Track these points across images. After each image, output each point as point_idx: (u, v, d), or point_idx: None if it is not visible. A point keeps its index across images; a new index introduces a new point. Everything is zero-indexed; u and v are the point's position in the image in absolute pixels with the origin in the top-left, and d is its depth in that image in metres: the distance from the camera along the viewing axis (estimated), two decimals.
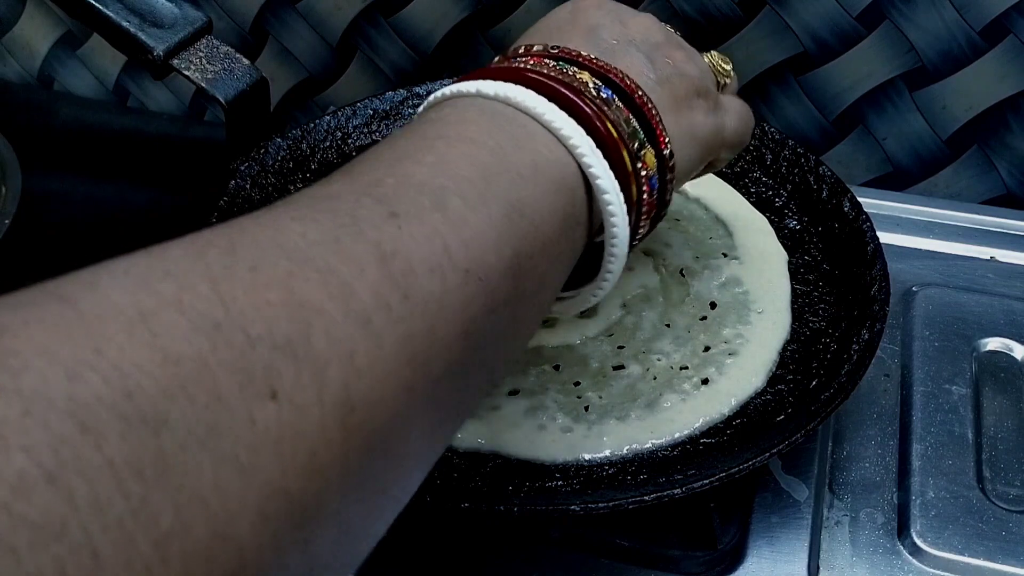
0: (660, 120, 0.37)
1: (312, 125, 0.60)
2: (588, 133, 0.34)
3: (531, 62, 0.36)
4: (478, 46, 0.72)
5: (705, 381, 0.46)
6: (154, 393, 0.19)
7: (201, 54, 0.58)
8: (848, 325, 0.48)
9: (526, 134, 0.33)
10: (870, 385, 0.51)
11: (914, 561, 0.43)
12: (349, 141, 0.61)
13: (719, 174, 0.58)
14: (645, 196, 0.37)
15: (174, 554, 0.19)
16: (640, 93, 0.37)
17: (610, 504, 0.39)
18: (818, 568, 0.43)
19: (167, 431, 0.19)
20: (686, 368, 0.47)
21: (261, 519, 0.20)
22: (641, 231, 0.38)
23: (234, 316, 0.22)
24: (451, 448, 0.44)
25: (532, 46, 0.38)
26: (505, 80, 0.34)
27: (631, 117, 0.36)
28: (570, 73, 0.36)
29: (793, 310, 0.50)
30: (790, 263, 0.53)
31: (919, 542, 0.43)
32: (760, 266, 0.52)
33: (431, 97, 0.36)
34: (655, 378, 0.46)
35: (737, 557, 0.43)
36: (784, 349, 0.48)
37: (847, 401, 0.43)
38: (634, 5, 0.67)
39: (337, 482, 0.23)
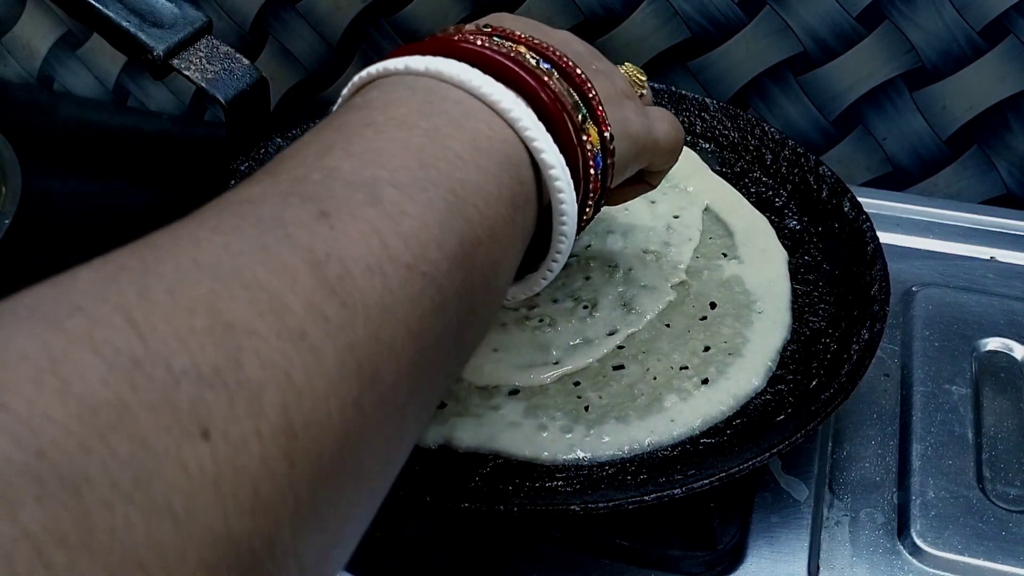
0: (601, 102, 0.35)
1: (312, 125, 0.60)
2: (530, 105, 0.32)
3: (463, 36, 0.34)
4: None
5: (705, 381, 0.46)
6: (71, 448, 0.17)
7: (201, 54, 0.58)
8: (848, 325, 0.48)
9: (462, 111, 0.31)
10: (870, 385, 0.51)
11: (914, 561, 0.43)
12: None
13: (719, 174, 0.58)
14: (592, 173, 0.35)
15: None
16: (579, 72, 0.35)
17: (610, 504, 0.39)
18: (818, 568, 0.43)
19: (89, 489, 0.17)
20: (686, 368, 0.47)
21: (206, 570, 0.19)
22: (587, 213, 0.36)
23: (154, 349, 0.20)
24: (451, 448, 0.44)
25: (463, 25, 0.35)
26: (435, 54, 0.32)
27: (572, 90, 0.34)
28: (506, 46, 0.33)
29: (793, 310, 0.50)
30: (790, 263, 0.53)
31: (919, 542, 0.43)
32: (760, 266, 0.52)
33: (355, 78, 0.34)
34: (655, 378, 0.46)
35: (737, 557, 0.43)
36: (784, 349, 0.48)
37: (847, 401, 0.43)
38: (635, 4, 0.67)
39: (288, 517, 0.21)
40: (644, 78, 0.43)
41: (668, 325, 0.49)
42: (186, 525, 0.18)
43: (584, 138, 0.34)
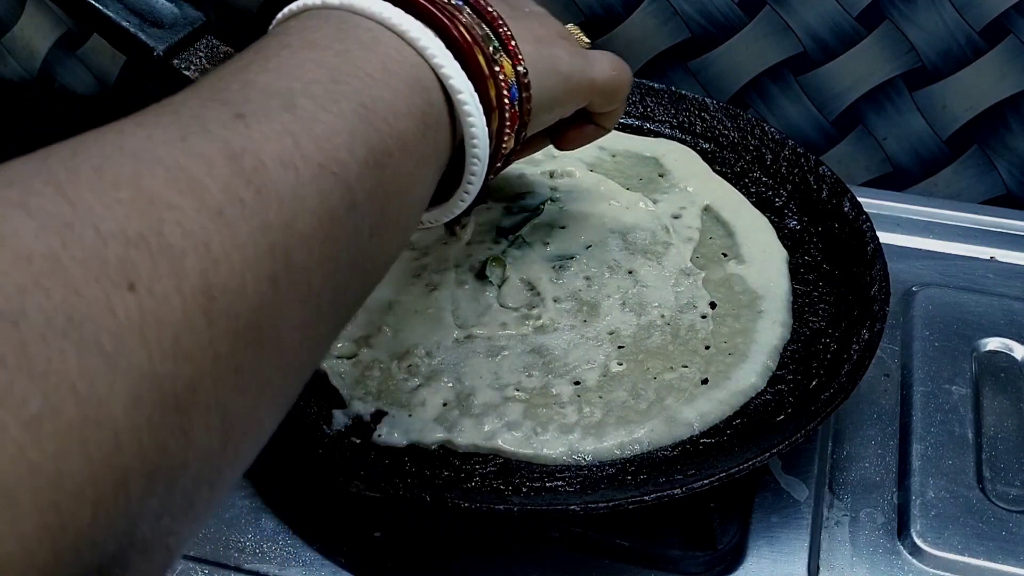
0: (512, 37, 0.37)
1: None
2: (439, 35, 0.34)
3: None
4: None
5: (705, 381, 0.46)
6: (8, 288, 0.20)
7: (201, 54, 0.58)
8: (848, 325, 0.48)
9: (372, 38, 0.33)
10: (870, 385, 0.51)
11: (914, 561, 0.43)
12: None
13: (719, 174, 0.58)
14: (506, 102, 0.37)
15: (46, 435, 0.19)
16: (491, 9, 0.37)
17: (610, 504, 0.39)
18: (818, 568, 0.43)
19: (25, 322, 0.20)
20: (686, 368, 0.47)
21: (133, 403, 0.21)
22: (506, 141, 0.38)
23: (83, 214, 0.22)
24: (451, 448, 0.44)
25: None
26: None
27: (483, 24, 0.36)
28: None
29: (793, 310, 0.50)
30: (790, 263, 0.53)
31: (919, 542, 0.43)
32: (760, 266, 0.52)
33: (279, 15, 0.36)
34: (655, 378, 0.46)
35: (737, 557, 0.43)
36: (784, 349, 0.48)
37: (847, 401, 0.43)
38: (635, 4, 0.67)
39: (209, 368, 0.23)
40: (588, 41, 0.45)
41: (668, 325, 0.49)
42: (115, 361, 0.21)
43: (496, 69, 0.36)
